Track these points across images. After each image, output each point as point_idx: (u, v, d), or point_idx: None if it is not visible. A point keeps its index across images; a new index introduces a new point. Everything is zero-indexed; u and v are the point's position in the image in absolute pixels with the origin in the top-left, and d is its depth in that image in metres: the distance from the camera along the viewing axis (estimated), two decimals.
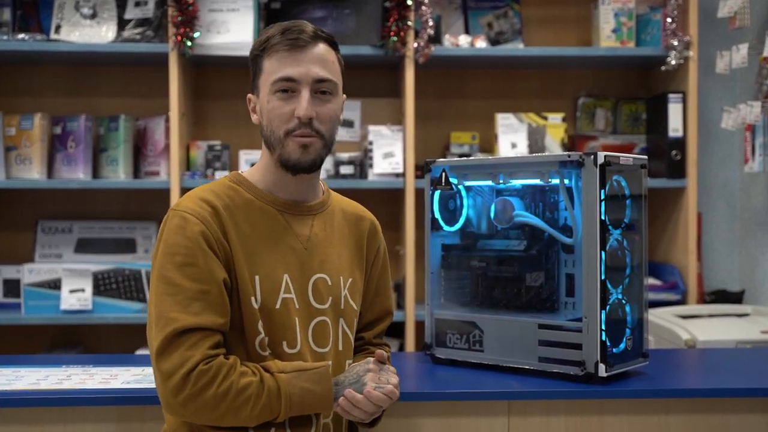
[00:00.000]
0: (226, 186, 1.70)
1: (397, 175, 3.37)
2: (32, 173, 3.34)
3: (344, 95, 1.75)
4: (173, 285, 1.55)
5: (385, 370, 1.66)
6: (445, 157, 3.52)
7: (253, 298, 1.62)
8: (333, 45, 1.71)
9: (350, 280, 1.76)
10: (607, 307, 1.85)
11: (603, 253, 1.83)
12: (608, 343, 1.85)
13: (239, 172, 1.75)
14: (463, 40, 3.43)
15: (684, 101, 3.41)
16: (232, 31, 3.31)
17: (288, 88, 1.65)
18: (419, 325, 3.34)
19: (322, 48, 1.67)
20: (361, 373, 1.64)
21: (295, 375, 1.58)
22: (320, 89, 1.66)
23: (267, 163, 1.71)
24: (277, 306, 1.64)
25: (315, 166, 1.69)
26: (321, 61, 1.66)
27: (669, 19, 3.37)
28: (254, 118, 1.73)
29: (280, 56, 1.65)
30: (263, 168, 1.72)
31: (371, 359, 1.67)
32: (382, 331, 1.89)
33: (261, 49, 1.68)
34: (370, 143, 3.37)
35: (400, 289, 3.43)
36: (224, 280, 1.59)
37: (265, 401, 1.55)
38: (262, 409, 1.55)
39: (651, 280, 3.44)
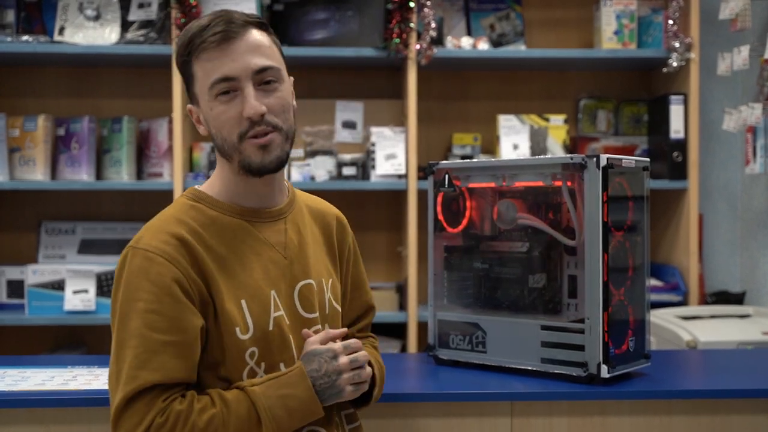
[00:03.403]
0: (186, 206, 1.54)
1: (400, 176, 3.37)
2: (36, 174, 3.34)
3: (291, 77, 1.58)
4: (135, 336, 1.41)
5: (353, 359, 1.52)
6: (447, 159, 3.54)
7: (238, 329, 1.49)
8: (264, 27, 1.53)
9: (330, 281, 1.65)
10: (610, 309, 1.86)
11: (605, 254, 1.84)
12: (610, 345, 1.85)
13: (195, 187, 1.59)
14: (466, 41, 3.44)
15: (685, 103, 3.41)
16: None
17: (228, 88, 1.48)
18: (422, 327, 3.34)
19: (254, 34, 1.50)
20: (334, 378, 1.50)
21: (268, 385, 1.46)
22: (264, 79, 1.49)
23: (226, 173, 1.56)
24: (270, 327, 1.52)
25: (282, 164, 1.53)
26: (257, 48, 1.49)
27: (670, 21, 3.38)
28: (201, 129, 1.56)
29: (210, 55, 1.47)
30: (224, 178, 1.56)
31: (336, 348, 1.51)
32: (366, 326, 1.79)
33: (187, 52, 1.50)
34: (373, 144, 3.38)
35: (402, 290, 3.44)
36: (201, 328, 1.46)
37: (236, 426, 1.42)
38: None
39: (652, 282, 3.44)
